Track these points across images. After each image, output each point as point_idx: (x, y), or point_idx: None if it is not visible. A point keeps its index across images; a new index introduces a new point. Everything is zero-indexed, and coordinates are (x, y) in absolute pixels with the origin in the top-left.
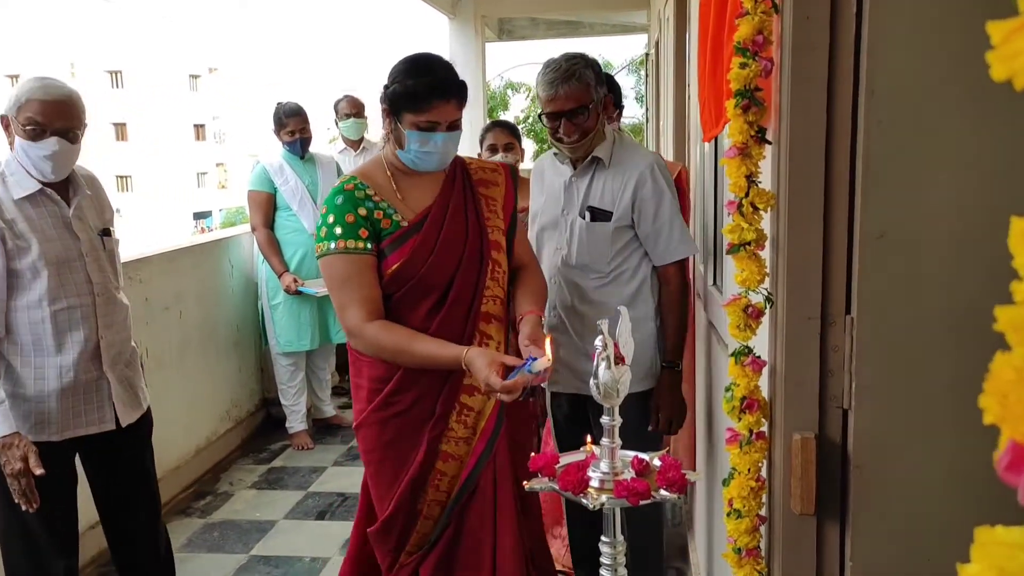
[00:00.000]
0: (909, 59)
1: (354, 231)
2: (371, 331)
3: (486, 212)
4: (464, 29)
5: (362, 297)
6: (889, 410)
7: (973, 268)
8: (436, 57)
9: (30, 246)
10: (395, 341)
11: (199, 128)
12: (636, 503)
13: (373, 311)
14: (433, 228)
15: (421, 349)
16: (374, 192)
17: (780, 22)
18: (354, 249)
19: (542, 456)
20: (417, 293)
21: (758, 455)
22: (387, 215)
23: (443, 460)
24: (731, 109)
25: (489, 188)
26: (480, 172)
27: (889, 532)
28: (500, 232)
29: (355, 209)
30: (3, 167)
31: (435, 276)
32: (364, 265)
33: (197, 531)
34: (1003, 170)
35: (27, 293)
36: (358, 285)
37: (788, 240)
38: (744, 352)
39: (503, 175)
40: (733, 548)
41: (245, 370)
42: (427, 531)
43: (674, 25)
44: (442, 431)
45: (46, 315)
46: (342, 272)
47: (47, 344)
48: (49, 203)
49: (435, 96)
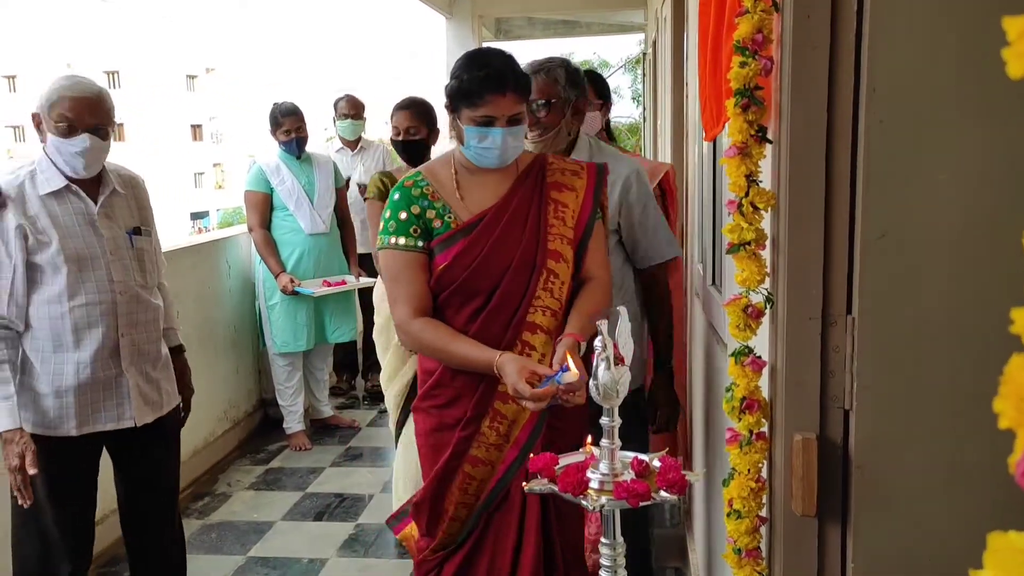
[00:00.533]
0: (910, 57)
1: (406, 228)
2: (415, 327)
3: (551, 218)
4: (461, 29)
5: (410, 293)
6: (890, 410)
7: (975, 268)
8: (495, 51)
9: (50, 241)
10: (435, 339)
11: (196, 128)
12: (636, 505)
13: (420, 307)
14: (485, 232)
15: (457, 349)
16: (433, 190)
17: (780, 20)
18: (404, 246)
19: (541, 457)
20: (461, 296)
21: (758, 455)
22: (440, 215)
23: (472, 464)
24: (731, 108)
25: (562, 192)
26: (558, 174)
27: (891, 533)
28: (564, 241)
29: (408, 207)
30: (35, 164)
31: (479, 281)
32: (413, 262)
33: (195, 532)
34: (1005, 169)
35: (47, 288)
36: (406, 281)
37: (788, 240)
38: (744, 352)
39: (585, 180)
40: (733, 549)
41: (243, 370)
42: (454, 532)
43: (671, 24)
44: (472, 434)
45: (65, 311)
46: (393, 267)
47: (66, 340)
48: (75, 200)
49: (488, 89)
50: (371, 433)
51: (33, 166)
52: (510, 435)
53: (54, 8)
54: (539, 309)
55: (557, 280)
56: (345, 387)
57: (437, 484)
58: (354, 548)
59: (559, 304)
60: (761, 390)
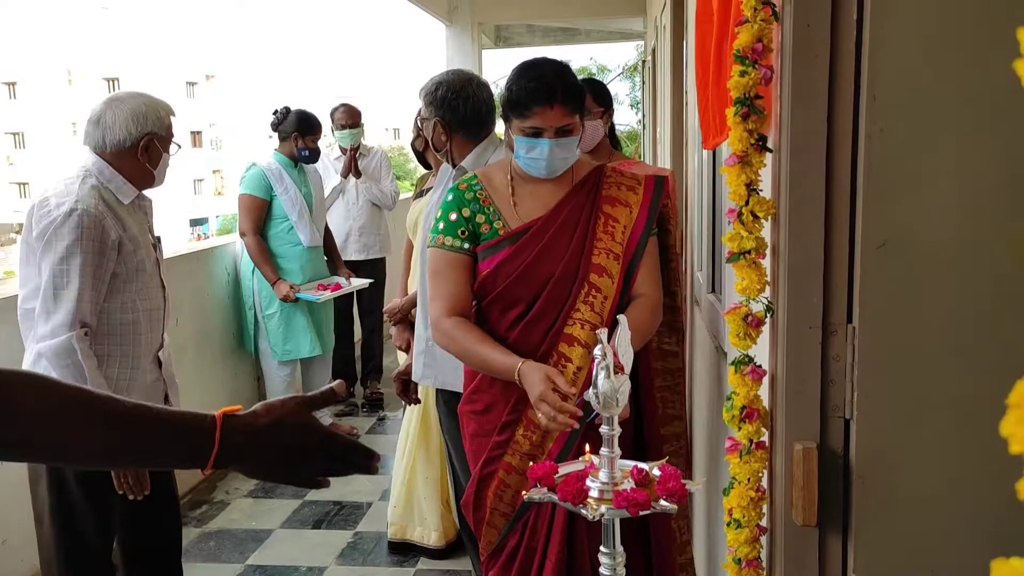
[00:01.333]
0: (910, 66)
1: (454, 229)
2: (446, 325)
3: (599, 232)
4: (461, 36)
5: (447, 292)
6: (891, 420)
7: (975, 277)
8: (547, 61)
9: (135, 250)
10: (462, 339)
11: (196, 135)
12: (636, 514)
13: (455, 307)
14: (531, 242)
15: (481, 352)
16: (486, 195)
17: (780, 30)
18: (450, 247)
19: (541, 466)
20: (502, 303)
21: (758, 465)
22: (489, 221)
23: (506, 471)
24: (731, 117)
25: (615, 207)
26: (614, 187)
27: (892, 543)
28: (611, 256)
29: (459, 209)
30: (95, 175)
31: (520, 290)
32: (456, 263)
33: (193, 540)
34: (1005, 178)
35: (121, 295)
36: (445, 281)
37: (789, 248)
38: (744, 361)
39: (641, 195)
40: (733, 559)
41: (241, 377)
42: (492, 538)
43: (671, 31)
44: (507, 440)
45: (134, 317)
46: (435, 265)
47: (131, 345)
48: (139, 210)
49: (536, 101)
50: (370, 441)
51: (94, 179)
52: (543, 446)
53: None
54: (578, 322)
55: (599, 295)
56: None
57: (476, 487)
58: (352, 556)
59: (600, 319)
60: (761, 399)
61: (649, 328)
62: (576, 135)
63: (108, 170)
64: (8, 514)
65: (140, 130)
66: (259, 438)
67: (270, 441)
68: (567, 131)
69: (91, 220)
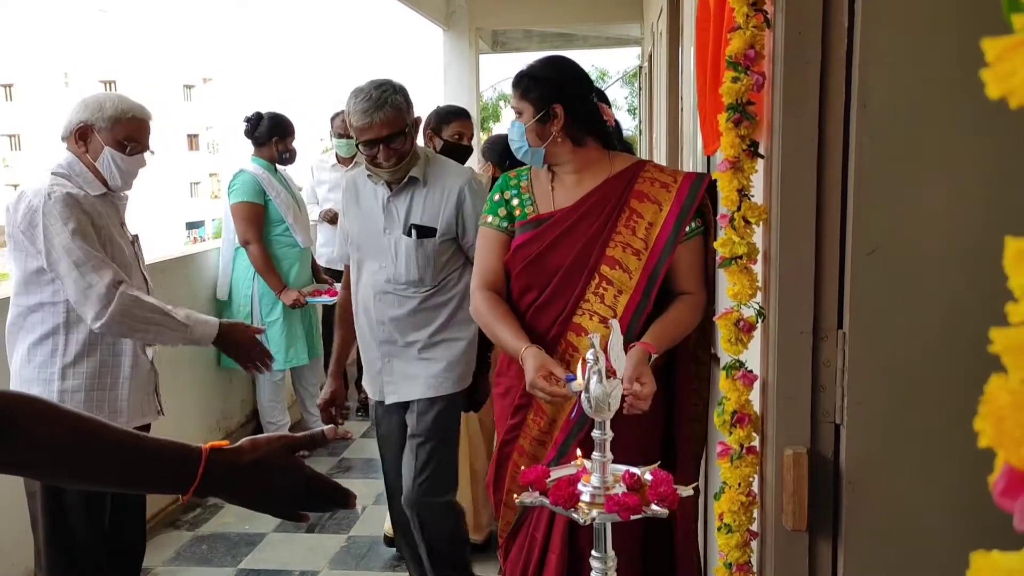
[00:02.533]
0: (901, 73)
1: (495, 209)
2: (477, 298)
3: (620, 226)
4: (458, 41)
5: (482, 267)
6: (882, 425)
7: (966, 282)
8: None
9: (111, 237)
10: (487, 313)
11: (193, 138)
12: (627, 518)
13: (488, 282)
14: (550, 229)
15: (496, 329)
16: (528, 184)
17: (772, 36)
18: (490, 224)
19: (533, 470)
20: (518, 285)
21: (748, 469)
22: (522, 205)
23: (519, 454)
24: (723, 123)
25: (643, 203)
26: (647, 183)
27: (882, 548)
28: (628, 251)
29: (502, 192)
30: (65, 169)
31: (533, 274)
32: (494, 239)
33: (185, 544)
34: (995, 184)
35: None
36: (483, 255)
37: (780, 254)
38: (735, 366)
39: (674, 193)
40: (724, 563)
41: (236, 381)
42: (509, 519)
43: (667, 38)
44: (520, 423)
45: None
46: (479, 242)
47: None
48: (110, 206)
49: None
50: (363, 444)
51: (65, 172)
52: (551, 433)
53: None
54: (587, 313)
55: (611, 288)
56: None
57: (495, 468)
58: (346, 561)
59: (612, 313)
60: (752, 404)
61: (688, 326)
62: (522, 121)
63: (78, 164)
64: (0, 519)
65: (77, 117)
66: (241, 475)
67: (251, 479)
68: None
69: (70, 199)
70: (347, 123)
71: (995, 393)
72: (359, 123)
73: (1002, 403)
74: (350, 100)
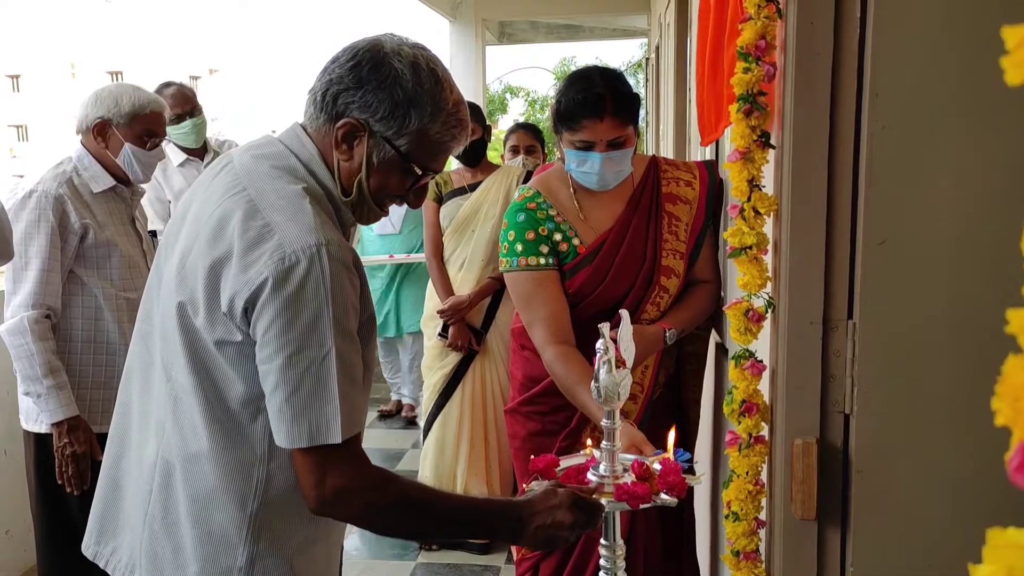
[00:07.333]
0: (913, 64)
1: (535, 248)
2: (548, 356)
3: (665, 233)
4: (465, 32)
5: (546, 315)
6: (891, 415)
7: (975, 273)
8: (599, 71)
9: (107, 237)
10: (564, 376)
11: None
12: (636, 507)
13: (557, 330)
14: (608, 256)
15: (579, 395)
16: (556, 212)
17: (784, 27)
18: (536, 266)
19: (542, 459)
20: (583, 315)
21: (757, 459)
22: (566, 238)
23: None
24: (734, 113)
25: (676, 204)
26: (672, 183)
27: (891, 537)
28: (677, 256)
29: (536, 228)
30: (74, 162)
31: (601, 303)
32: (546, 280)
33: None
34: (1006, 175)
35: (101, 282)
36: (541, 301)
37: (790, 244)
38: (745, 356)
39: (697, 189)
40: (732, 551)
41: None
42: None
43: (675, 29)
44: (572, 444)
45: (99, 303)
46: (526, 290)
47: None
48: (118, 200)
49: (584, 114)
50: (367, 436)
51: (71, 165)
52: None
53: (58, 8)
54: (644, 323)
55: (666, 295)
56: None
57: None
58: (352, 554)
59: (659, 313)
60: (761, 394)
61: (705, 313)
62: (629, 147)
63: (87, 157)
64: (11, 505)
65: (94, 113)
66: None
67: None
68: (619, 144)
69: (49, 202)
70: None
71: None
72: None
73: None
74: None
